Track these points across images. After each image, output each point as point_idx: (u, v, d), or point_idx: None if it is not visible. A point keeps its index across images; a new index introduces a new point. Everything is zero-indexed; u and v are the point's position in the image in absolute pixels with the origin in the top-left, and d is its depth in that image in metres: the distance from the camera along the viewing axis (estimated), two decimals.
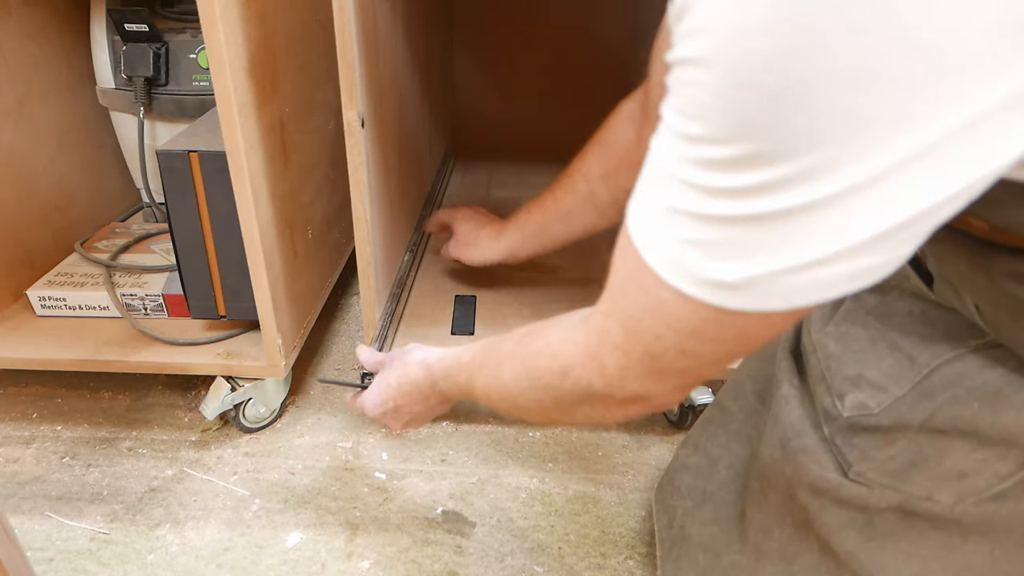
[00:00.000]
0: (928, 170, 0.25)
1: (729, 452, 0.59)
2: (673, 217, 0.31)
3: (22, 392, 0.93)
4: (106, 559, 0.70)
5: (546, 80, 1.47)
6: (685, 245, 0.31)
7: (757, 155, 0.27)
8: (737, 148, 0.27)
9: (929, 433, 0.42)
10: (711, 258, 0.30)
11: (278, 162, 0.75)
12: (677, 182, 0.30)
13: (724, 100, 0.27)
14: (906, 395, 0.43)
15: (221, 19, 0.59)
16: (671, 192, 0.31)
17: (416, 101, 1.02)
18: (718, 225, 0.29)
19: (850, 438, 0.46)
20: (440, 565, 0.69)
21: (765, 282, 0.29)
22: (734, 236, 0.29)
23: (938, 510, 0.41)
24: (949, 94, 0.24)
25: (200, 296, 0.80)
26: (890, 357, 0.45)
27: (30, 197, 0.93)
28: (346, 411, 0.91)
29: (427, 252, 1.08)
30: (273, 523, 0.74)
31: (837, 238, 0.27)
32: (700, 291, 0.31)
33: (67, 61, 0.99)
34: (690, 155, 0.29)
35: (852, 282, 0.29)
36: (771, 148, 0.26)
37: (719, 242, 0.30)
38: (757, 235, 0.29)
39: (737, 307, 0.31)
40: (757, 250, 0.29)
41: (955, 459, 0.41)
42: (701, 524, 0.57)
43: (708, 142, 0.28)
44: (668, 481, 0.64)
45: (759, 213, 0.28)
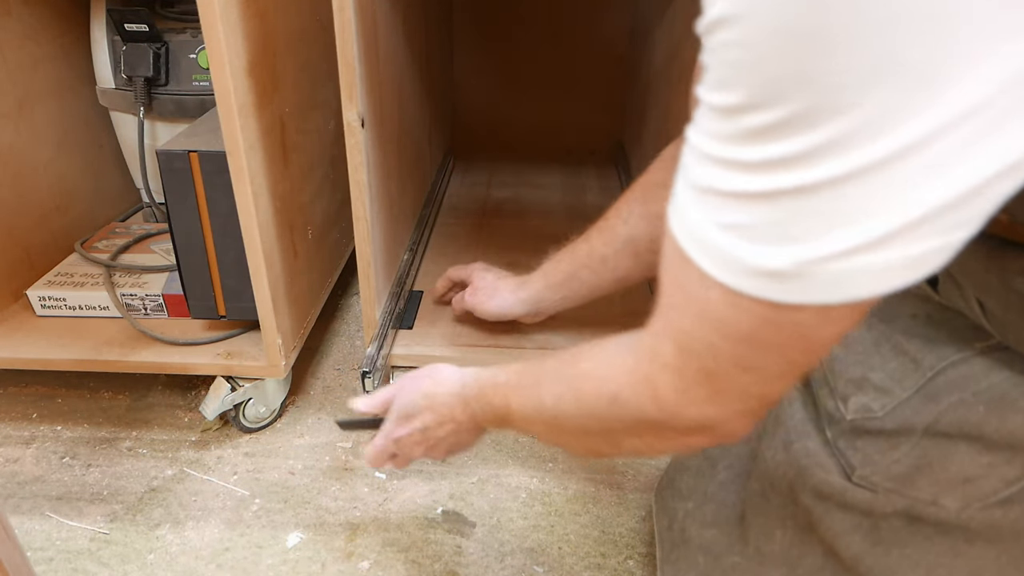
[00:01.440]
0: (994, 124, 0.23)
1: (728, 452, 0.58)
2: (711, 199, 0.28)
3: (22, 392, 0.93)
4: (106, 559, 0.70)
5: (546, 80, 1.47)
6: (726, 230, 0.28)
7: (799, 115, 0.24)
8: (777, 110, 0.24)
9: (934, 437, 0.41)
10: (755, 242, 0.27)
11: (278, 162, 0.75)
12: (713, 161, 0.28)
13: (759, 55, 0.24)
14: (910, 398, 0.43)
15: (221, 19, 0.59)
16: (707, 173, 0.28)
17: (416, 101, 1.02)
18: (760, 203, 0.26)
19: (853, 441, 0.45)
20: (440, 565, 0.69)
21: (818, 267, 0.26)
22: (779, 214, 0.26)
23: (944, 515, 0.40)
24: (1017, 31, 0.21)
25: (200, 296, 0.80)
26: (894, 360, 0.44)
27: (30, 197, 0.93)
28: (346, 411, 0.91)
29: (427, 252, 1.08)
30: (273, 523, 0.74)
31: (897, 210, 0.24)
32: (747, 283, 0.28)
33: (67, 61, 0.99)
34: (726, 129, 0.27)
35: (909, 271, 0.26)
36: (815, 104, 0.24)
37: (763, 223, 0.27)
38: (805, 211, 0.25)
39: (790, 300, 0.28)
40: (806, 229, 0.26)
41: (960, 463, 0.40)
42: (702, 526, 0.56)
43: (744, 110, 0.25)
44: (668, 482, 0.63)
45: (806, 184, 0.25)
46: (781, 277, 0.27)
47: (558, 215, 1.22)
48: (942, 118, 0.22)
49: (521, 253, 1.07)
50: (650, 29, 1.15)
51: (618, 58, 1.43)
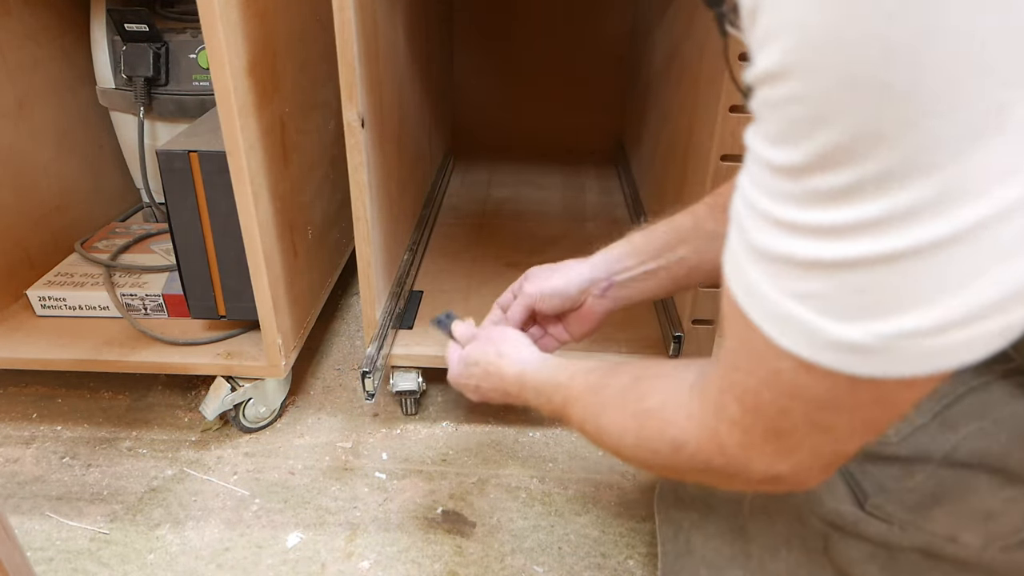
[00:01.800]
0: None
1: None
2: (777, 267, 0.26)
3: (22, 392, 0.93)
4: (106, 559, 0.70)
5: (546, 80, 1.47)
6: (796, 300, 0.25)
7: (879, 176, 0.21)
8: (851, 172, 0.22)
9: (952, 467, 0.38)
10: (830, 315, 0.24)
11: (278, 162, 0.75)
12: (775, 224, 0.25)
13: (827, 111, 0.21)
14: (927, 425, 0.41)
15: (221, 19, 0.59)
16: (771, 237, 0.25)
17: (416, 101, 1.02)
18: (837, 272, 0.24)
19: (865, 467, 0.43)
20: (440, 565, 0.69)
21: (906, 342, 0.23)
22: (859, 285, 0.23)
23: (964, 554, 0.38)
24: None
25: (200, 296, 0.80)
26: None
27: (30, 197, 0.93)
28: (346, 411, 0.91)
29: (427, 252, 1.08)
30: (273, 523, 0.74)
31: (997, 279, 0.21)
32: (821, 355, 0.25)
33: (67, 61, 0.99)
34: (790, 190, 0.24)
35: (1012, 332, 0.23)
36: (897, 165, 0.21)
37: (839, 294, 0.24)
38: (889, 282, 0.23)
39: (871, 373, 0.25)
40: (892, 302, 0.23)
41: (981, 497, 0.37)
42: (706, 538, 0.55)
43: (811, 170, 0.23)
44: (672, 491, 0.61)
45: (889, 252, 0.22)
46: (864, 351, 0.24)
47: (558, 215, 1.22)
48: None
49: (521, 253, 1.08)
50: (650, 29, 1.15)
51: (618, 58, 1.43)
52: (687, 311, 0.78)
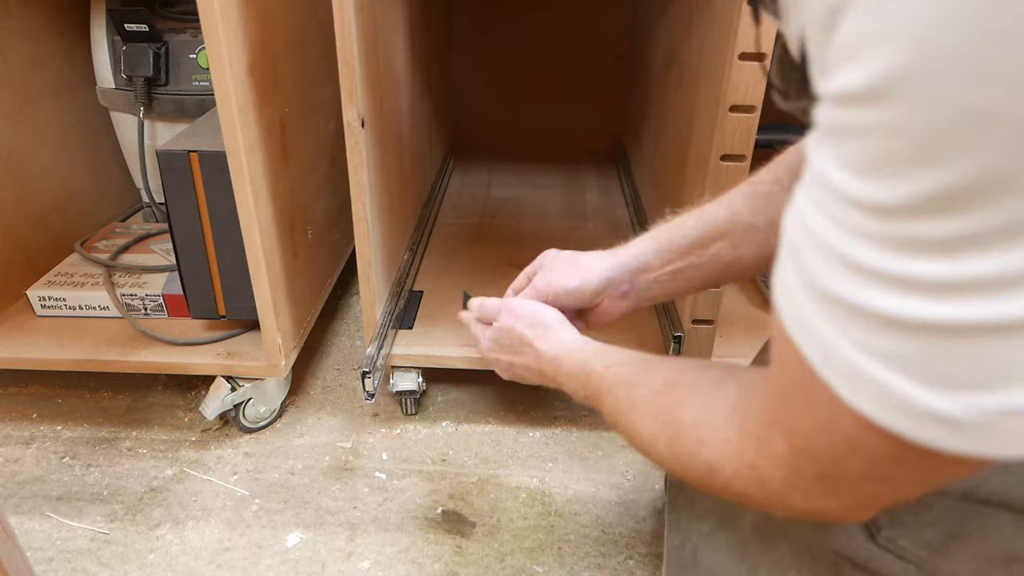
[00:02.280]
0: None
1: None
2: (848, 316, 0.22)
3: (22, 392, 0.93)
4: (106, 559, 0.70)
5: (546, 80, 1.47)
6: (871, 357, 0.22)
7: (1004, 229, 0.18)
8: (967, 220, 0.18)
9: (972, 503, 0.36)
10: (917, 380, 0.21)
11: (278, 162, 0.75)
12: (851, 267, 0.21)
13: (943, 149, 0.18)
14: None
15: (221, 19, 0.59)
16: (842, 281, 0.22)
17: (416, 101, 1.02)
18: (932, 336, 0.20)
19: None
20: (440, 565, 0.69)
21: (1007, 421, 0.20)
22: (960, 352, 0.20)
23: None
24: None
25: (200, 296, 0.80)
26: None
27: (30, 197, 0.93)
28: (346, 411, 0.91)
29: (427, 252, 1.08)
30: (273, 523, 0.74)
31: None
32: (900, 422, 0.22)
33: (67, 61, 0.99)
34: (876, 231, 0.20)
35: None
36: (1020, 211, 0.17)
37: (931, 359, 0.20)
38: (1000, 351, 0.19)
39: (958, 450, 0.22)
40: (998, 373, 0.19)
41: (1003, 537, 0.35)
42: (714, 551, 0.53)
43: (911, 214, 0.19)
44: (688, 502, 0.58)
45: (1001, 318, 0.19)
46: (954, 425, 0.21)
47: (558, 215, 1.22)
48: None
49: (521, 253, 1.07)
50: (650, 29, 1.15)
51: (618, 58, 1.43)
52: (687, 311, 0.78)
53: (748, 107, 0.65)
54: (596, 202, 1.28)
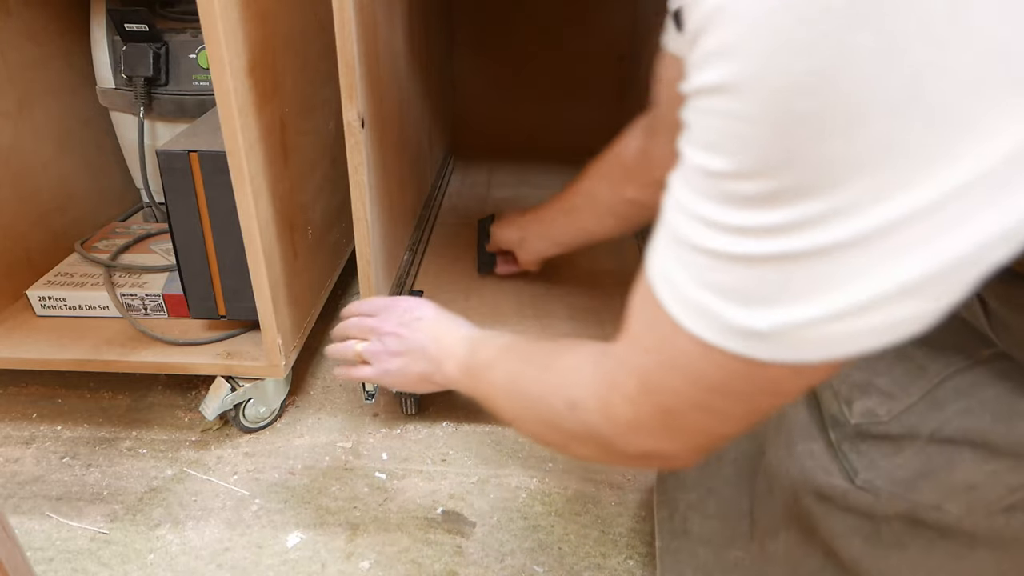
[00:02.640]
0: (978, 202, 0.23)
1: (736, 448, 0.59)
2: (695, 258, 0.29)
3: (22, 392, 0.93)
4: (106, 559, 0.70)
5: (546, 80, 1.47)
6: (708, 289, 0.29)
7: (792, 188, 0.25)
8: (770, 182, 0.25)
9: (939, 443, 0.41)
10: (738, 303, 0.28)
11: (278, 162, 0.75)
12: (699, 221, 0.28)
13: (755, 129, 0.25)
14: (916, 404, 0.43)
15: (221, 19, 0.59)
16: (693, 232, 0.28)
17: (416, 101, 1.02)
18: (747, 266, 0.27)
19: (857, 445, 0.45)
20: (440, 565, 0.69)
21: (801, 330, 0.27)
22: (765, 278, 0.27)
23: (947, 520, 0.40)
24: (996, 120, 0.22)
25: (200, 296, 0.80)
26: (900, 365, 0.45)
27: (30, 197, 0.93)
28: (346, 411, 0.91)
29: (427, 252, 1.08)
30: (273, 523, 0.74)
31: (882, 279, 0.25)
32: (725, 340, 0.29)
33: (67, 61, 0.99)
34: (714, 191, 0.27)
35: (897, 330, 0.26)
36: (808, 180, 0.24)
37: (748, 285, 0.27)
38: (792, 276, 0.26)
39: (768, 358, 0.28)
40: (792, 294, 0.26)
41: (965, 470, 0.40)
42: (704, 517, 0.56)
43: (736, 177, 0.26)
44: (672, 473, 0.63)
45: (794, 251, 0.25)
46: (763, 337, 0.28)
47: None
48: (933, 194, 0.23)
49: None
50: (650, 29, 1.15)
51: (618, 58, 1.43)
52: None
53: None
54: None
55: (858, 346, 0.27)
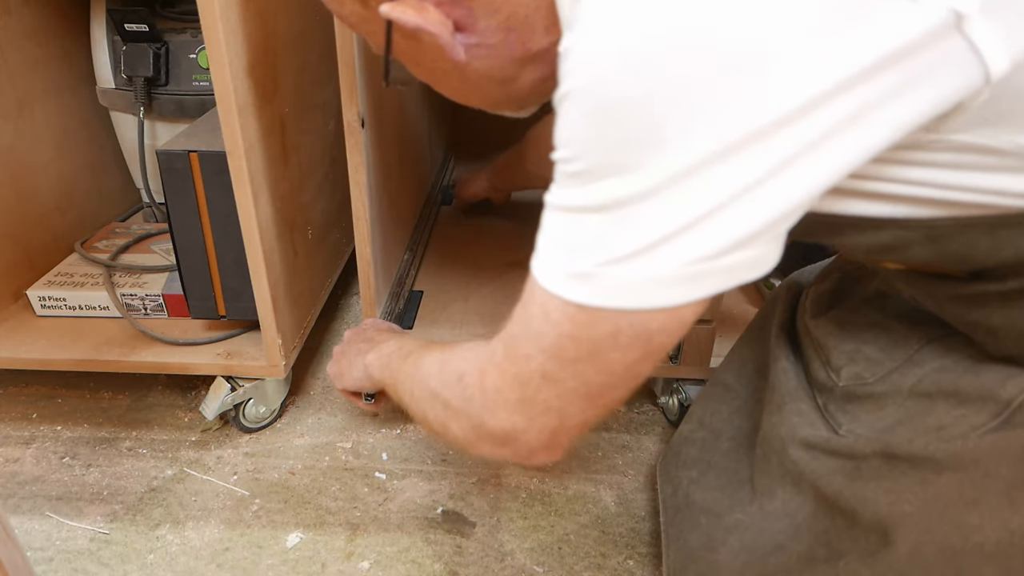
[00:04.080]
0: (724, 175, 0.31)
1: (732, 425, 0.63)
2: (547, 221, 0.37)
3: (22, 392, 0.93)
4: (106, 559, 0.70)
5: None
6: (553, 245, 0.36)
7: (600, 164, 0.33)
8: (583, 161, 0.34)
9: (917, 397, 0.46)
10: (567, 250, 0.35)
11: (278, 162, 0.75)
12: (552, 195, 0.36)
13: (575, 122, 0.33)
14: (900, 367, 0.48)
15: (221, 19, 0.59)
16: (549, 203, 0.37)
17: (416, 101, 1.02)
18: (571, 216, 0.35)
19: (844, 405, 0.50)
20: (440, 565, 0.69)
21: (607, 268, 0.34)
22: (581, 226, 0.34)
23: (916, 450, 0.45)
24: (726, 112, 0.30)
25: (200, 296, 0.80)
26: (885, 336, 0.50)
27: (30, 197, 0.93)
28: (346, 411, 0.91)
29: (427, 252, 1.08)
30: (273, 523, 0.74)
31: (651, 228, 0.33)
32: (559, 283, 0.36)
33: (67, 61, 0.99)
34: (560, 174, 0.35)
35: (678, 288, 0.34)
36: (604, 156, 0.33)
37: (571, 234, 0.35)
38: (601, 225, 0.34)
39: (589, 302, 0.35)
40: (600, 240, 0.34)
41: (936, 415, 0.44)
42: (704, 490, 0.60)
43: (566, 161, 0.34)
44: (674, 454, 0.67)
45: (600, 203, 0.33)
46: (581, 278, 0.35)
47: None
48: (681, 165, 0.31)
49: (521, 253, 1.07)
50: None
51: None
52: None
53: None
54: None
55: (651, 296, 0.34)
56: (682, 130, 0.31)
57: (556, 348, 0.37)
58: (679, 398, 0.84)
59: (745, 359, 0.66)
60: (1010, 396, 0.41)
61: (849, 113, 0.30)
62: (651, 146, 0.31)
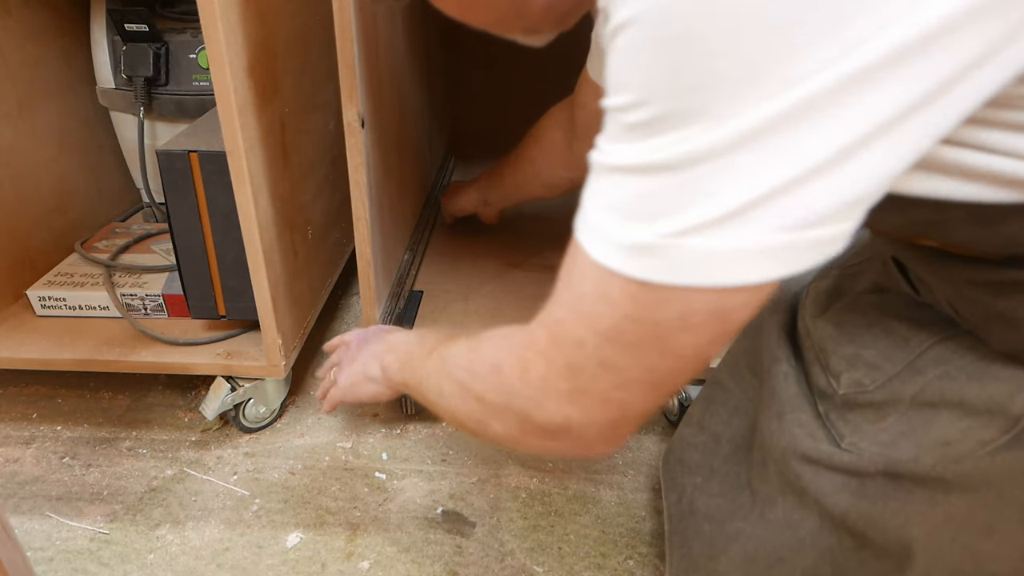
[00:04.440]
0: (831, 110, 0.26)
1: (731, 427, 0.61)
2: (598, 184, 0.32)
3: (22, 392, 0.93)
4: (106, 559, 0.70)
5: (546, 80, 1.46)
6: (606, 211, 0.31)
7: (670, 111, 0.27)
8: (650, 107, 0.28)
9: (919, 407, 0.43)
10: (627, 218, 0.30)
11: (278, 162, 0.75)
12: (603, 154, 0.31)
13: (639, 57, 0.28)
14: (899, 373, 0.45)
15: (221, 19, 0.59)
16: (598, 162, 0.32)
17: (416, 101, 1.02)
18: (631, 177, 0.30)
19: (844, 414, 0.48)
20: (440, 565, 0.69)
21: (676, 240, 0.29)
22: (647, 190, 0.29)
23: (922, 471, 0.42)
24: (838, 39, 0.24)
25: (200, 296, 0.80)
26: (885, 339, 0.47)
27: (30, 197, 0.93)
28: (346, 411, 0.91)
29: (427, 252, 1.08)
30: (273, 523, 0.74)
31: (736, 190, 0.27)
32: (615, 258, 0.31)
33: (67, 61, 0.99)
34: (615, 126, 0.30)
35: (758, 262, 0.28)
36: (681, 102, 0.27)
37: (633, 198, 0.30)
38: (667, 187, 0.28)
39: (656, 278, 0.30)
40: (670, 204, 0.29)
41: (941, 428, 0.42)
42: (708, 497, 0.58)
43: (625, 109, 0.29)
44: (677, 460, 0.65)
45: (668, 161, 0.28)
46: (645, 251, 0.29)
47: (558, 215, 1.21)
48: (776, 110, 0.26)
49: (521, 253, 1.08)
50: None
51: None
52: None
53: None
54: None
55: (730, 272, 0.29)
56: (781, 63, 0.25)
57: (614, 331, 0.32)
58: (679, 398, 0.84)
59: (738, 357, 0.64)
60: (1020, 411, 0.38)
61: (973, 52, 0.25)
62: (740, 85, 0.26)
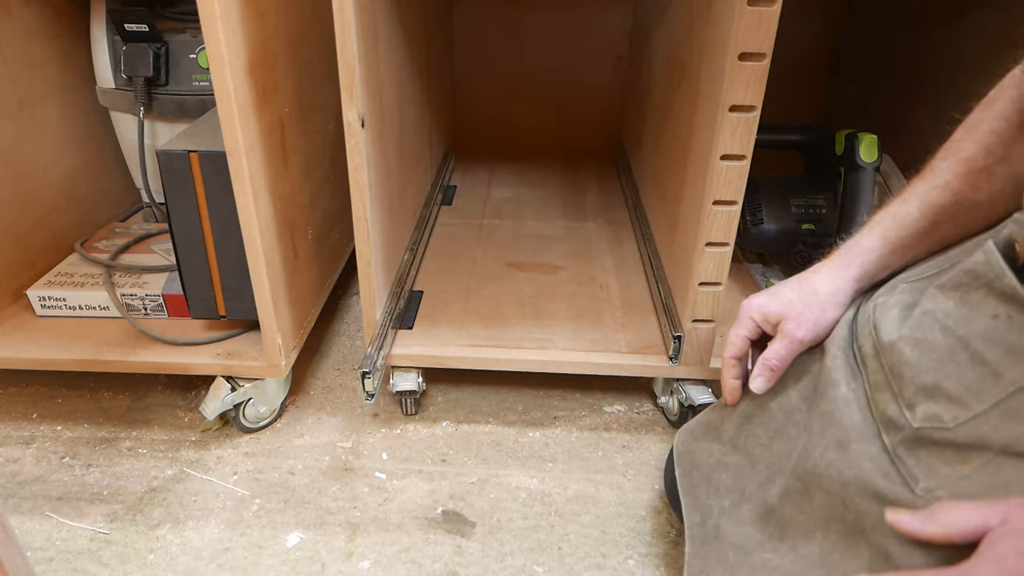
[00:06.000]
0: None
1: (770, 451, 0.55)
2: None
3: (22, 392, 0.94)
4: (106, 559, 0.70)
5: (546, 80, 1.47)
6: None
7: None
8: None
9: (1013, 457, 0.37)
10: None
11: (278, 162, 0.75)
12: None
13: None
14: (987, 412, 0.39)
15: (221, 19, 0.59)
16: None
17: (416, 101, 1.02)
18: None
19: (916, 451, 0.42)
20: (440, 565, 0.69)
21: None
22: None
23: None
24: None
25: (200, 296, 0.80)
26: (972, 370, 0.41)
27: (30, 197, 0.93)
28: (346, 411, 0.91)
29: (427, 252, 1.08)
30: (273, 523, 0.74)
31: None
32: None
33: (67, 61, 1.00)
34: None
35: None
36: None
37: None
38: None
39: None
40: None
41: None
42: (737, 524, 0.54)
43: None
44: (704, 478, 0.60)
45: None
46: None
47: (558, 215, 1.22)
48: None
49: (521, 253, 1.08)
50: (650, 29, 1.15)
51: (618, 58, 1.43)
52: (687, 311, 0.78)
53: (748, 107, 0.65)
54: (596, 202, 1.28)
55: None
56: None
57: None
58: (679, 398, 0.84)
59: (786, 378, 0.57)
60: None
61: None
62: None
